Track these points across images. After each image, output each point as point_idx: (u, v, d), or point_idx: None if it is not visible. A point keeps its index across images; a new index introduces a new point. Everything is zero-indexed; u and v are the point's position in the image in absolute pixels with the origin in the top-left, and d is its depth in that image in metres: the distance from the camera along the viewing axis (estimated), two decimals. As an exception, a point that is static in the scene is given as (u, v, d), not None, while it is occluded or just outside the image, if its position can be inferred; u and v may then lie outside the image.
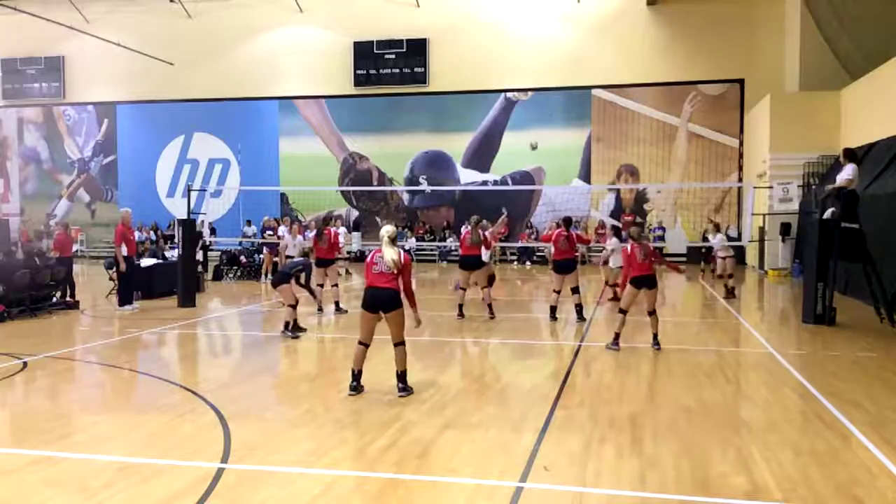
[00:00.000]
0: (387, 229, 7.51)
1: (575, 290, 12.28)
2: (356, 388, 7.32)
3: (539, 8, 26.18)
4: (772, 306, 15.65)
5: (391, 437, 5.88)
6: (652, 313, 9.80)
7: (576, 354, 9.44)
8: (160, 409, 6.96)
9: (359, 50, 27.41)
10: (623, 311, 9.76)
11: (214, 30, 28.42)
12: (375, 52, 27.32)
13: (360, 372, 7.37)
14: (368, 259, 7.45)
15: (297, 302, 10.81)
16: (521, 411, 6.79)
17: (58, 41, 28.85)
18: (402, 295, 7.29)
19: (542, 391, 7.54)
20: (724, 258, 15.99)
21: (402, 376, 7.29)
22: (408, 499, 4.71)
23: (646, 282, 9.64)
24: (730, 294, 15.36)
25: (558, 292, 12.41)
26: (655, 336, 9.76)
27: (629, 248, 9.63)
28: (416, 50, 26.98)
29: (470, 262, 12.57)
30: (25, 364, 8.87)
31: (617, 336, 9.72)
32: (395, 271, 7.22)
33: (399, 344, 7.31)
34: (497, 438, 5.93)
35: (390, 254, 7.22)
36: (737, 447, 5.63)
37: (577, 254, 12.77)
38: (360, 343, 7.36)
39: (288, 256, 15.26)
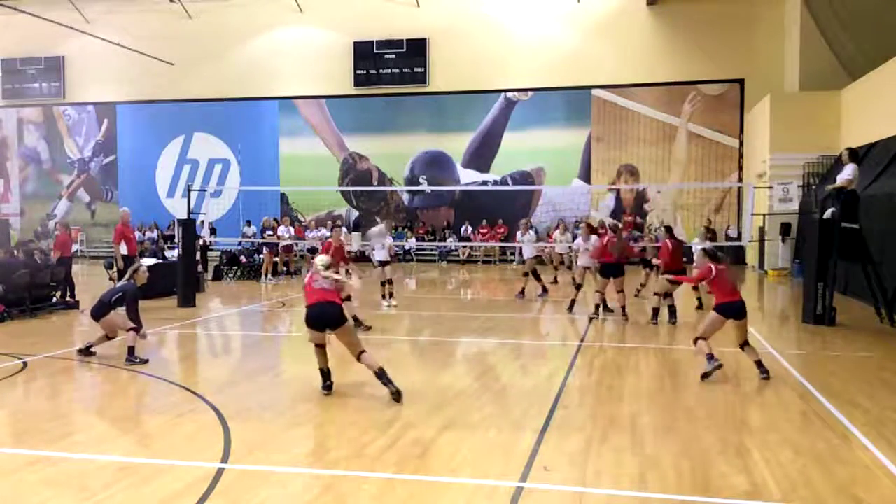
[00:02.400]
0: (321, 259, 7.62)
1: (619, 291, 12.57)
2: (329, 386, 7.33)
3: (539, 8, 26.18)
4: (772, 306, 15.65)
5: (391, 437, 5.88)
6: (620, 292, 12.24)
7: (576, 354, 9.44)
8: (160, 409, 6.96)
9: (359, 50, 27.42)
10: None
11: (214, 30, 28.42)
12: (375, 52, 27.33)
13: (328, 370, 7.40)
14: (307, 279, 7.46)
15: (136, 328, 9.04)
16: (521, 411, 6.79)
17: (58, 41, 28.85)
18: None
19: (542, 391, 7.53)
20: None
21: (381, 375, 6.98)
22: (407, 499, 4.71)
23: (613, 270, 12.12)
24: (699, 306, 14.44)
25: (600, 293, 12.69)
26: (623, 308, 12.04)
27: (605, 239, 10.99)
28: (416, 50, 26.99)
29: (614, 269, 12.49)
30: (25, 364, 8.87)
31: (597, 307, 12.05)
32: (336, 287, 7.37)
33: (361, 353, 7.13)
34: (497, 438, 5.92)
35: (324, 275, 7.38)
36: (737, 447, 5.63)
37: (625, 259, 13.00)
38: (316, 345, 7.39)
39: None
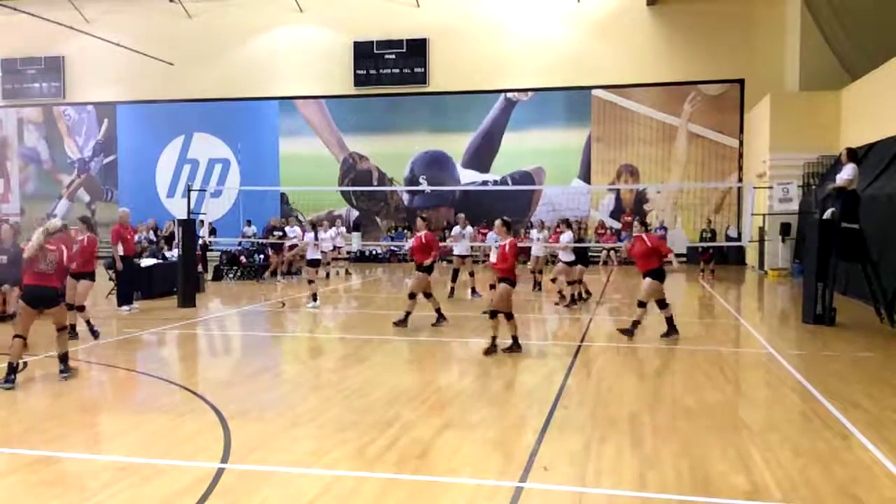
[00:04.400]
0: (53, 223, 8.05)
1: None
2: (14, 380, 7.57)
3: (539, 8, 26.18)
4: (772, 306, 15.66)
5: (391, 437, 5.88)
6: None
7: (576, 354, 9.44)
8: (160, 409, 6.96)
9: (359, 50, 27.42)
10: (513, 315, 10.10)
11: (214, 30, 28.42)
12: (375, 52, 27.33)
13: (17, 365, 7.66)
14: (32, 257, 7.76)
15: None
16: (521, 411, 6.79)
17: (58, 41, 28.85)
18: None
19: (542, 391, 7.54)
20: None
21: (63, 358, 7.95)
22: (408, 499, 4.71)
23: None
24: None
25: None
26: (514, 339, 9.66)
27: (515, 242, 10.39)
28: (416, 50, 26.99)
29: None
30: (25, 364, 8.86)
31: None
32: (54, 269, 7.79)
33: (62, 329, 8.00)
34: (497, 438, 5.93)
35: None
36: (737, 447, 5.63)
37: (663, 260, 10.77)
38: (18, 336, 7.69)
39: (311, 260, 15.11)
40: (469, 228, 16.39)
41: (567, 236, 14.53)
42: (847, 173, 11.70)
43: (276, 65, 28.22)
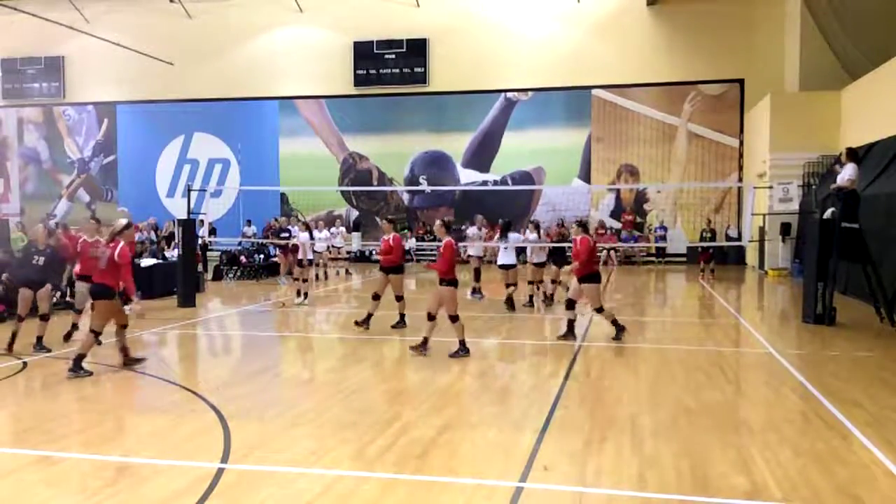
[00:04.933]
0: (118, 223, 8.67)
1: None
2: (83, 370, 8.05)
3: (539, 8, 26.18)
4: (772, 306, 15.66)
5: (391, 437, 5.88)
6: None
7: (576, 354, 9.44)
8: (160, 409, 6.96)
9: (359, 50, 27.42)
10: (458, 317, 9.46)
11: (214, 30, 28.42)
12: (375, 52, 27.32)
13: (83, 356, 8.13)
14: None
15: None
16: (521, 411, 6.79)
17: (58, 41, 28.84)
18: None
19: (542, 391, 7.54)
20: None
21: (125, 351, 8.59)
22: (408, 499, 4.71)
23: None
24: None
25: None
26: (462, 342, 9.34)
27: (453, 242, 9.78)
28: (416, 50, 26.99)
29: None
30: (25, 364, 8.87)
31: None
32: None
33: (122, 327, 8.61)
34: (497, 438, 5.92)
35: None
36: (737, 447, 5.63)
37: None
38: (94, 332, 8.25)
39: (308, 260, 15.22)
40: (532, 233, 15.33)
41: (518, 237, 14.43)
42: (848, 173, 11.70)
43: (276, 65, 28.21)
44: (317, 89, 28.20)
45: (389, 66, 27.33)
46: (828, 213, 11.82)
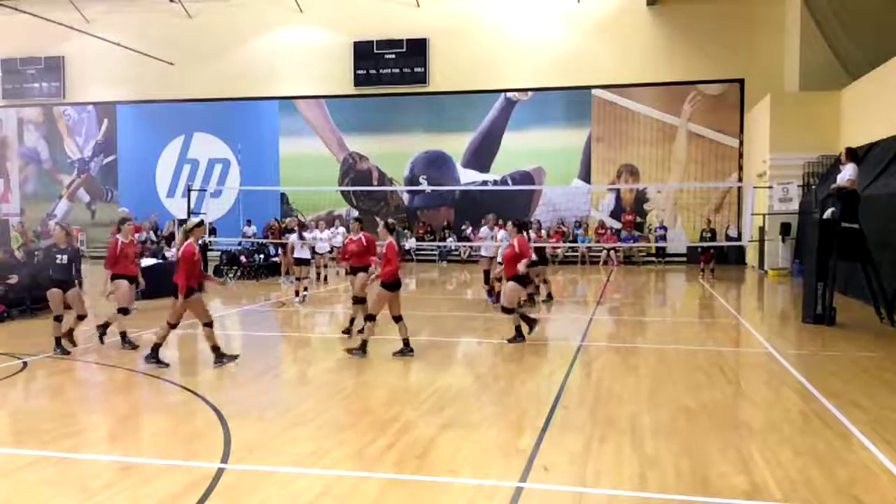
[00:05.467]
0: (190, 222, 9.00)
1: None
2: (159, 359, 8.53)
3: (539, 8, 26.18)
4: (772, 306, 15.66)
5: (391, 437, 5.88)
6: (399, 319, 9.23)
7: (576, 354, 9.44)
8: (160, 409, 6.97)
9: (359, 50, 27.42)
10: (373, 318, 9.17)
11: (214, 30, 28.42)
12: (375, 52, 27.33)
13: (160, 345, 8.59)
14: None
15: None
16: (521, 411, 6.79)
17: (58, 41, 28.84)
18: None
19: (542, 391, 7.54)
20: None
21: (215, 349, 8.71)
22: (408, 499, 4.71)
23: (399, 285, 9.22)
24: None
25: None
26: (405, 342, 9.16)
27: (395, 243, 9.25)
28: (416, 50, 26.99)
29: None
30: (25, 364, 8.87)
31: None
32: None
33: (206, 325, 8.76)
34: (497, 438, 5.93)
35: None
36: (737, 447, 5.63)
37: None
38: (170, 324, 8.70)
39: (302, 259, 15.24)
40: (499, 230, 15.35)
41: (502, 234, 14.40)
42: (849, 173, 11.69)
43: (276, 65, 28.22)
44: (317, 89, 28.20)
45: (389, 66, 27.33)
46: (828, 213, 11.82)
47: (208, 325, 8.74)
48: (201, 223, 9.14)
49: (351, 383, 7.95)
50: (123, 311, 9.92)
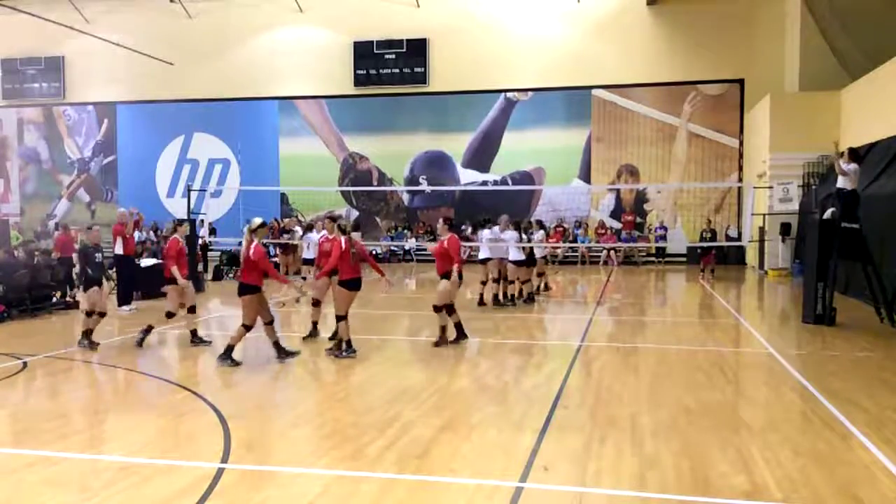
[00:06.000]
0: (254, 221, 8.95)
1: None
2: (233, 360, 8.68)
3: (539, 8, 26.18)
4: (772, 306, 15.66)
5: (391, 437, 5.88)
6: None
7: (576, 354, 9.44)
8: (160, 409, 6.97)
9: (359, 50, 27.41)
10: (344, 317, 9.18)
11: (214, 30, 28.41)
12: (375, 52, 27.32)
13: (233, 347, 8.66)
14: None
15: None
16: (521, 411, 6.79)
17: (58, 41, 28.82)
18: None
19: (542, 391, 7.54)
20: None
21: (277, 345, 8.97)
22: (408, 499, 4.71)
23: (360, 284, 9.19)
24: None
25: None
26: (348, 342, 9.09)
27: (342, 242, 9.09)
28: (416, 50, 26.98)
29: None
30: (25, 364, 8.88)
31: (349, 343, 9.18)
32: None
33: (267, 323, 9.04)
34: (497, 438, 5.92)
35: None
36: (737, 447, 5.63)
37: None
38: (245, 326, 8.85)
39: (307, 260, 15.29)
40: (510, 231, 14.66)
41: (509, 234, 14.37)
42: (850, 173, 11.66)
43: (276, 65, 28.20)
44: (317, 89, 28.20)
45: (389, 66, 27.32)
46: (828, 213, 11.82)
47: (270, 323, 8.99)
48: (264, 223, 9.25)
49: (351, 383, 7.95)
50: (169, 315, 10.30)
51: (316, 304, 10.87)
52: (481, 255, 14.28)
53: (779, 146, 20.79)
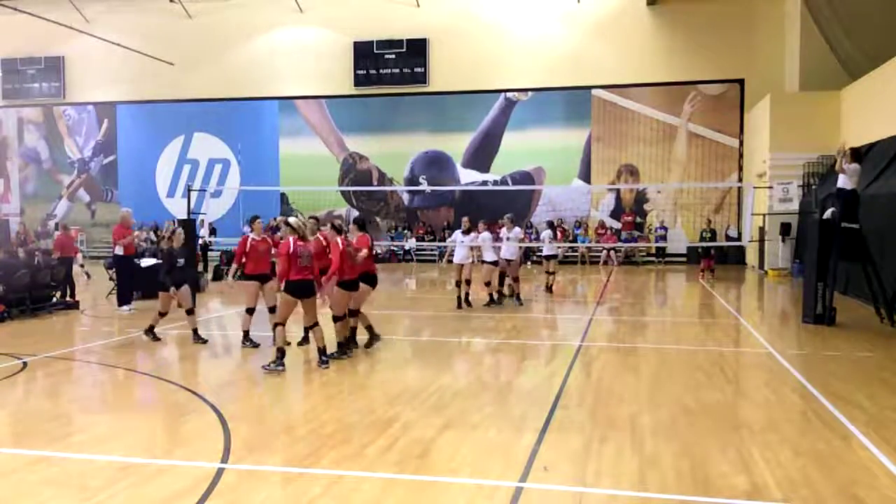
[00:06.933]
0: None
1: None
2: (284, 364, 8.40)
3: (539, 8, 26.18)
4: (772, 306, 15.65)
5: (391, 437, 5.88)
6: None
7: (576, 354, 9.44)
8: (160, 409, 6.96)
9: (359, 50, 27.42)
10: (342, 318, 9.06)
11: (214, 30, 28.42)
12: (375, 52, 27.33)
13: (285, 350, 8.42)
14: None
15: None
16: (521, 411, 6.78)
17: (58, 41, 28.84)
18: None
19: (542, 391, 7.54)
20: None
21: (321, 351, 8.51)
22: (408, 499, 4.71)
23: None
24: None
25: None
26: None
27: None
28: (416, 50, 26.99)
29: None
30: (25, 364, 8.88)
31: (339, 345, 9.04)
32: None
33: (314, 325, 8.73)
34: (497, 438, 5.92)
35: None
36: (737, 447, 5.63)
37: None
38: (279, 324, 8.56)
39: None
40: (517, 230, 14.50)
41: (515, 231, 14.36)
42: (851, 173, 11.66)
43: (276, 65, 28.22)
44: (317, 89, 28.20)
45: (389, 66, 27.33)
46: (828, 213, 11.82)
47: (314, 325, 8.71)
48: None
49: (351, 383, 7.95)
50: (250, 311, 10.17)
51: (272, 310, 10.10)
52: (487, 258, 14.00)
53: (779, 146, 20.80)
